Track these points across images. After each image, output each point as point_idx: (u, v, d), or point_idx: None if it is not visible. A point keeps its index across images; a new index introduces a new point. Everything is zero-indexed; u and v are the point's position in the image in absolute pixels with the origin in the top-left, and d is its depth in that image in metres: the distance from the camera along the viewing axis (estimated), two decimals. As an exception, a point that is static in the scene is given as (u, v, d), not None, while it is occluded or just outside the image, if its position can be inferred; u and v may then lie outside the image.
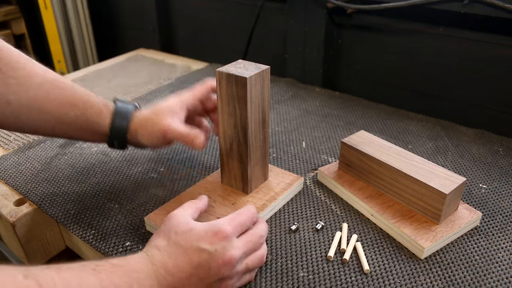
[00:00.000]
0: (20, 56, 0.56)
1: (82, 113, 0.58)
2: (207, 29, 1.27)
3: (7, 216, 0.61)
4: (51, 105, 0.56)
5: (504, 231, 0.56)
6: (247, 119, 0.53)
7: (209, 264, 0.43)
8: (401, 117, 0.86)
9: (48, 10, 1.50)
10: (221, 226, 0.45)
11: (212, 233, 0.45)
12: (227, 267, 0.44)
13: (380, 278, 0.49)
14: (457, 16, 0.80)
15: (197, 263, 0.43)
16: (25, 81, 0.55)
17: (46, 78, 0.57)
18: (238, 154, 0.57)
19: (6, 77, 0.54)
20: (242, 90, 0.52)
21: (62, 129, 0.58)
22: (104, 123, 0.59)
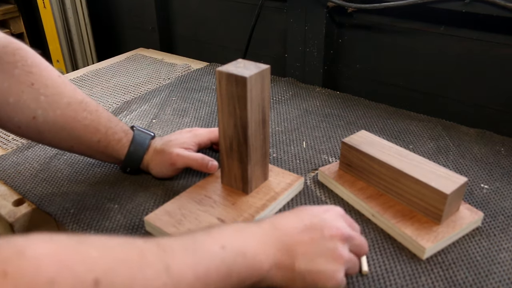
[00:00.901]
0: (52, 72, 0.59)
1: (104, 139, 0.61)
2: (207, 29, 1.26)
3: (6, 216, 0.61)
4: (76, 127, 0.59)
5: (506, 231, 0.56)
6: (247, 119, 0.53)
7: (321, 227, 0.44)
8: (402, 117, 0.86)
9: (47, 9, 1.50)
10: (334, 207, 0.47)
11: (324, 208, 0.47)
12: (338, 237, 0.43)
13: (381, 279, 0.49)
14: (458, 16, 0.79)
15: (309, 223, 0.44)
16: (54, 99, 0.57)
17: (75, 99, 0.59)
18: (238, 154, 0.57)
19: (38, 93, 0.56)
20: (242, 90, 0.51)
21: (80, 149, 0.62)
22: (122, 151, 0.63)
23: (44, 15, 1.52)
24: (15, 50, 0.55)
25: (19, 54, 0.56)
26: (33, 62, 0.56)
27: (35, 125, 0.57)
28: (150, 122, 0.85)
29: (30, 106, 0.56)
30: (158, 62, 1.19)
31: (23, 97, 0.55)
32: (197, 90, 0.99)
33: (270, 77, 0.57)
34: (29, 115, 0.56)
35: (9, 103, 0.55)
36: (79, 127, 0.59)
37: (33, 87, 0.56)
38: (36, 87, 0.56)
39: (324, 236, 0.43)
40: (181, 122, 0.85)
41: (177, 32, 1.35)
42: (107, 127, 0.61)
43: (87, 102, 0.60)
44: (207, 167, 0.61)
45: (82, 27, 1.54)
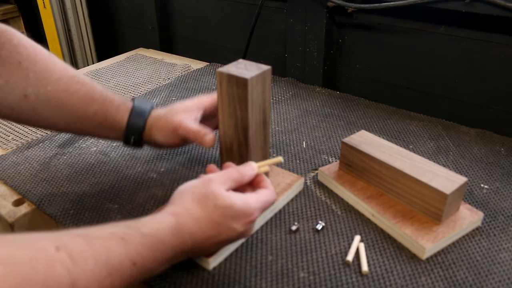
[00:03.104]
0: (41, 50, 0.57)
1: (101, 108, 0.58)
2: (207, 29, 1.26)
3: (6, 216, 0.61)
4: (70, 100, 0.57)
5: (506, 231, 0.56)
6: (247, 120, 0.53)
7: (232, 239, 0.47)
8: (402, 117, 0.86)
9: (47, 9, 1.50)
10: (254, 210, 0.47)
11: (246, 214, 0.46)
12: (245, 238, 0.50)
13: (381, 279, 0.49)
14: (458, 15, 0.79)
15: (225, 238, 0.46)
16: (44, 75, 0.56)
17: (66, 73, 0.57)
18: (239, 155, 0.57)
19: (26, 71, 0.55)
20: (243, 91, 0.51)
21: (78, 125, 0.58)
22: (122, 119, 0.59)
23: (44, 15, 1.52)
24: (1, 32, 0.55)
25: (4, 36, 0.55)
26: (19, 42, 0.55)
27: (28, 104, 0.55)
28: (150, 122, 0.85)
29: (20, 85, 0.54)
30: (158, 62, 1.19)
31: (12, 77, 0.54)
32: (197, 90, 0.99)
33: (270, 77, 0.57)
34: (20, 94, 0.54)
35: None
36: (73, 101, 0.57)
37: (21, 66, 0.54)
38: (24, 65, 0.55)
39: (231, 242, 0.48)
40: (181, 122, 0.85)
41: (177, 32, 1.35)
42: (103, 96, 0.59)
43: (80, 76, 0.58)
44: (202, 139, 0.57)
45: (82, 27, 1.54)
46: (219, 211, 0.45)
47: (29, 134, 0.82)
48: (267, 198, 0.49)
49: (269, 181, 0.51)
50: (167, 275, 0.50)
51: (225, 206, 0.45)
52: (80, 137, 0.79)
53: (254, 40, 1.09)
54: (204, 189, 0.46)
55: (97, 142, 0.78)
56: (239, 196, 0.46)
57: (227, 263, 0.52)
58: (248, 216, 0.46)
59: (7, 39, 0.55)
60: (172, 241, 0.43)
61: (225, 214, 0.45)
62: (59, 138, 0.79)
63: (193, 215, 0.45)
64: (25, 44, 0.56)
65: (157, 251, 0.42)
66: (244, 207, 0.46)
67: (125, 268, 0.39)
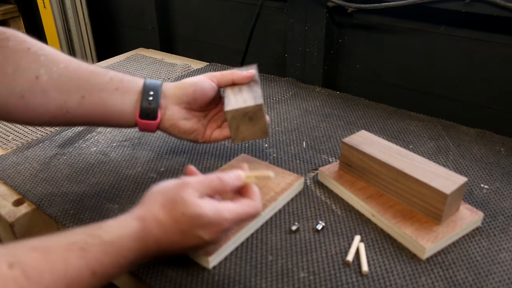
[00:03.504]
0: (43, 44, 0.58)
1: (116, 75, 0.58)
2: (207, 29, 1.26)
3: (6, 216, 0.61)
4: (84, 72, 0.57)
5: (506, 231, 0.56)
6: None
7: (200, 247, 0.47)
8: (402, 117, 0.86)
9: (47, 9, 1.50)
10: (225, 221, 0.45)
11: (216, 223, 0.45)
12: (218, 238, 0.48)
13: (381, 279, 0.49)
14: (458, 15, 0.79)
15: (190, 245, 0.45)
16: (55, 57, 0.56)
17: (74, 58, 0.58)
18: None
19: (37, 55, 0.55)
20: None
21: (92, 96, 0.56)
22: (139, 80, 0.60)
23: (44, 15, 1.52)
24: (5, 29, 0.55)
25: (9, 31, 0.55)
26: (23, 36, 0.56)
27: (39, 86, 0.54)
28: (150, 122, 0.85)
29: (31, 67, 0.54)
30: (158, 62, 1.19)
31: (22, 62, 0.54)
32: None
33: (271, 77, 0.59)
34: (31, 77, 0.54)
35: (8, 73, 0.53)
36: (86, 73, 0.57)
37: (30, 51, 0.55)
38: (33, 50, 0.55)
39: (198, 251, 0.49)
40: (181, 122, 0.85)
41: (177, 32, 1.35)
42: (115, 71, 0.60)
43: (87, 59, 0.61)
44: (242, 74, 0.62)
45: (82, 27, 1.54)
46: (186, 219, 0.43)
47: (29, 134, 0.82)
48: (247, 210, 0.47)
49: (257, 193, 0.50)
50: (167, 275, 0.50)
51: (193, 216, 0.43)
52: (81, 136, 0.79)
53: (254, 40, 1.09)
54: (175, 193, 0.45)
55: (97, 142, 0.78)
56: (211, 204, 0.45)
57: (227, 263, 0.52)
58: (217, 226, 0.45)
59: (11, 33, 0.55)
60: (135, 247, 0.43)
61: (192, 223, 0.44)
62: (59, 138, 0.79)
63: (159, 220, 0.44)
64: (30, 38, 0.57)
65: (119, 256, 0.42)
66: (214, 217, 0.44)
67: (84, 278, 0.39)
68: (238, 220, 0.47)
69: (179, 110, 0.61)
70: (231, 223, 0.46)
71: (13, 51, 0.54)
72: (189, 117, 0.62)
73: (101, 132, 0.81)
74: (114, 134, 0.80)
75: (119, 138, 0.79)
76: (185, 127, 0.62)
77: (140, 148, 0.76)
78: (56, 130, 0.82)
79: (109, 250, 0.41)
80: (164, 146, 0.76)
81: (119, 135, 0.80)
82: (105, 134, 0.80)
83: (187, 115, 0.62)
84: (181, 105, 0.61)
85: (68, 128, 0.83)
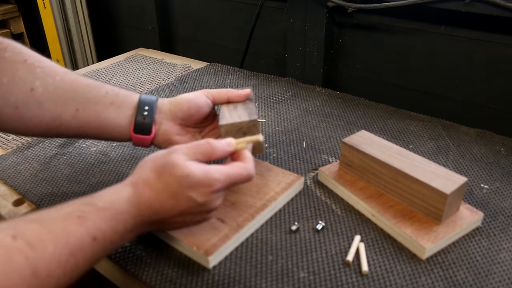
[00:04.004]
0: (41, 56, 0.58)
1: (112, 90, 0.58)
2: (207, 29, 1.26)
3: (6, 216, 0.61)
4: (80, 84, 0.57)
5: (506, 231, 0.56)
6: None
7: (194, 212, 0.46)
8: (402, 117, 0.86)
9: (47, 9, 1.50)
10: (215, 181, 0.45)
11: (206, 184, 0.45)
12: (211, 214, 0.48)
13: (381, 279, 0.49)
14: (458, 15, 0.79)
15: (184, 209, 0.45)
16: (51, 69, 0.57)
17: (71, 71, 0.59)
18: None
19: (33, 67, 0.55)
20: None
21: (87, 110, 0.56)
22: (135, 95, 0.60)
23: (44, 15, 1.52)
24: (2, 40, 0.55)
25: (6, 42, 0.55)
26: (21, 47, 0.56)
27: (33, 98, 0.54)
28: (150, 122, 0.85)
29: (27, 79, 0.54)
30: (158, 62, 1.19)
31: (18, 73, 0.54)
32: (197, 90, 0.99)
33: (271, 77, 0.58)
34: (26, 89, 0.54)
35: (3, 83, 0.53)
36: (82, 85, 0.57)
37: (27, 63, 0.55)
38: (30, 61, 0.55)
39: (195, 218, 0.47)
40: (181, 122, 0.85)
41: (177, 32, 1.35)
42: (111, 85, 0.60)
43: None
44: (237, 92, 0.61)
45: (82, 27, 1.54)
46: (175, 180, 0.44)
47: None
48: (238, 172, 0.47)
49: (250, 157, 0.50)
50: (167, 275, 0.50)
51: (181, 175, 0.44)
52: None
53: (254, 40, 1.09)
54: (164, 158, 0.45)
55: (97, 142, 0.78)
56: (200, 165, 0.45)
57: (227, 263, 0.52)
58: (207, 187, 0.45)
59: (8, 44, 0.55)
60: (129, 211, 0.43)
61: (181, 183, 0.44)
62: (59, 138, 0.79)
63: (150, 184, 0.44)
64: (27, 49, 0.57)
65: (116, 222, 0.42)
66: (202, 177, 0.44)
67: (86, 245, 0.40)
68: (230, 182, 0.47)
69: (174, 126, 0.61)
70: (222, 184, 0.46)
71: (9, 62, 0.54)
72: (183, 133, 0.62)
73: (101, 132, 0.81)
74: (114, 134, 0.80)
75: (119, 138, 0.79)
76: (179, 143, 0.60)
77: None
78: (56, 130, 0.82)
79: (105, 216, 0.42)
80: (164, 146, 0.76)
81: (119, 135, 0.80)
82: (105, 134, 0.81)
83: (181, 131, 0.61)
84: (175, 121, 0.61)
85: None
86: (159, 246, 0.54)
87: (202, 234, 0.53)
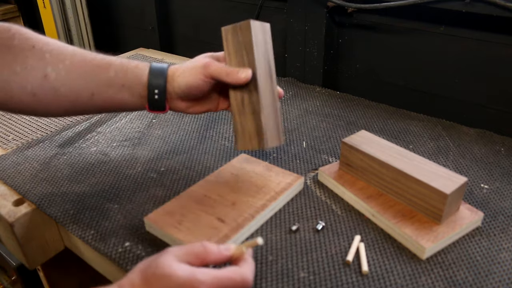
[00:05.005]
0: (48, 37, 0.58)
1: (120, 69, 0.58)
2: (207, 29, 1.26)
3: (6, 216, 0.61)
4: (89, 67, 0.57)
5: (506, 231, 0.56)
6: (254, 63, 0.54)
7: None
8: (402, 117, 0.86)
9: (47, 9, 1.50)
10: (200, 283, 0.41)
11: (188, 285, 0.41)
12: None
13: (381, 279, 0.49)
14: (458, 15, 0.79)
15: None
16: (59, 52, 0.57)
17: (78, 49, 0.59)
18: (250, 106, 0.56)
19: (41, 52, 0.56)
20: (247, 36, 0.54)
21: (101, 94, 0.58)
22: (143, 73, 0.59)
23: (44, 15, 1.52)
24: (10, 26, 0.56)
25: (13, 28, 0.56)
26: (27, 32, 0.57)
27: (49, 84, 0.55)
28: (150, 122, 0.85)
29: (38, 66, 0.55)
30: (158, 62, 1.19)
31: (28, 61, 0.55)
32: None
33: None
34: (40, 75, 0.55)
35: (17, 72, 0.54)
36: (92, 67, 0.57)
37: (35, 49, 0.55)
38: (38, 47, 0.56)
39: None
40: (181, 122, 0.85)
41: (177, 32, 1.35)
42: (119, 59, 0.60)
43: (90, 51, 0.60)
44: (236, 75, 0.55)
45: (82, 27, 1.54)
46: (156, 280, 0.42)
47: (29, 134, 0.82)
48: (229, 275, 0.42)
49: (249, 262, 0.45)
50: (167, 275, 0.50)
51: (162, 275, 0.41)
52: (81, 136, 0.80)
53: (254, 40, 1.09)
54: (154, 259, 0.44)
55: (97, 142, 0.78)
56: (185, 267, 0.42)
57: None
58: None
59: (16, 30, 0.56)
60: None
61: (162, 283, 0.41)
62: (59, 138, 0.79)
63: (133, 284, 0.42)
64: (33, 33, 0.57)
65: None
66: (185, 278, 0.41)
67: None
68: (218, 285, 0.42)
69: (181, 102, 0.61)
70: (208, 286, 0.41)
71: (19, 50, 0.55)
72: (194, 104, 0.61)
73: (101, 132, 0.81)
74: (114, 134, 0.80)
75: (119, 138, 0.79)
76: (195, 113, 0.63)
77: (140, 148, 0.76)
78: (56, 130, 0.83)
79: None
80: (164, 146, 0.76)
81: (119, 135, 0.80)
82: (105, 134, 0.81)
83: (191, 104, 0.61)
84: (182, 99, 0.61)
85: (68, 127, 0.83)
86: (159, 246, 0.54)
87: (202, 234, 0.53)
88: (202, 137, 0.79)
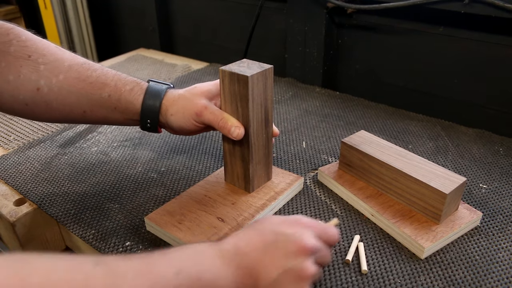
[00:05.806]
0: (48, 44, 0.57)
1: (114, 92, 0.57)
2: (207, 29, 1.27)
3: (7, 216, 0.61)
4: (82, 85, 0.56)
5: (504, 231, 0.56)
6: (248, 117, 0.53)
7: (285, 246, 0.41)
8: (401, 117, 0.86)
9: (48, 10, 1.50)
10: (301, 218, 0.44)
11: (292, 220, 0.44)
12: (304, 254, 0.41)
13: (380, 278, 0.49)
14: (457, 16, 0.79)
15: (272, 241, 0.41)
16: (55, 65, 0.56)
17: (75, 61, 0.57)
18: (240, 153, 0.57)
19: (36, 64, 0.55)
20: (244, 89, 0.52)
21: (94, 112, 0.57)
22: (137, 101, 0.56)
23: (45, 15, 1.53)
24: (9, 29, 0.55)
25: (12, 32, 0.55)
26: (27, 37, 0.56)
27: (41, 97, 0.55)
28: (150, 122, 0.85)
29: (32, 78, 0.54)
30: (159, 62, 1.19)
31: (22, 71, 0.54)
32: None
33: None
34: (32, 88, 0.54)
35: (10, 81, 0.54)
36: (85, 87, 0.56)
37: (30, 59, 0.55)
38: (33, 58, 0.55)
39: (287, 255, 0.41)
40: (181, 122, 0.85)
41: (177, 33, 1.36)
42: (116, 79, 0.57)
43: (90, 63, 0.58)
44: (229, 130, 0.54)
45: (83, 28, 1.55)
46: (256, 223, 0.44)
47: (30, 134, 0.82)
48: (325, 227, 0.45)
49: None
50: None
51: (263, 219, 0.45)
52: (82, 136, 0.80)
53: (254, 40, 1.09)
54: None
55: (98, 142, 0.78)
56: None
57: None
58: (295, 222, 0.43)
59: (14, 35, 0.55)
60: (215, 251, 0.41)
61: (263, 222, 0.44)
62: (60, 138, 0.80)
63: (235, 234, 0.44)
64: (33, 39, 0.56)
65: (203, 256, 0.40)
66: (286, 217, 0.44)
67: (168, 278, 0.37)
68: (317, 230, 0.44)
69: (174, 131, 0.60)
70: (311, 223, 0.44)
71: (14, 59, 0.54)
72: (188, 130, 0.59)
73: (102, 132, 0.82)
74: (115, 134, 0.81)
75: (120, 138, 0.79)
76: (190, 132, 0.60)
77: (140, 148, 0.76)
78: (57, 130, 0.83)
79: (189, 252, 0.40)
80: (165, 146, 0.77)
81: (120, 135, 0.80)
82: (106, 134, 0.81)
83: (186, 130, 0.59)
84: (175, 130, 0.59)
85: (69, 128, 0.83)
86: (159, 246, 0.55)
87: (202, 234, 0.53)
88: (202, 137, 0.79)
